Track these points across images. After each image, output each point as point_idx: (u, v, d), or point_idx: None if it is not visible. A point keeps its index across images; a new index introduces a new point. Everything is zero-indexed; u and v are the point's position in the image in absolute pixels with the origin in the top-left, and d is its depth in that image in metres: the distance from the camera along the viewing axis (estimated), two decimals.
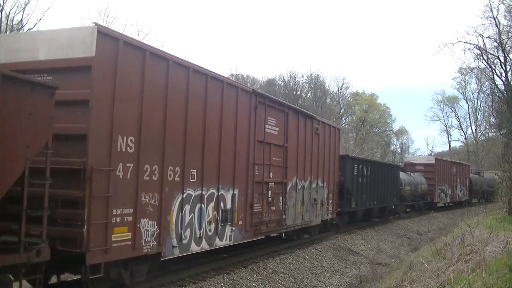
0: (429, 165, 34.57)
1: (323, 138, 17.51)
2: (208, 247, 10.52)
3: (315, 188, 16.70)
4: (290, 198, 14.63)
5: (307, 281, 12.88)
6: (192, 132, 9.75)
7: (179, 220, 9.41)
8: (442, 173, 35.81)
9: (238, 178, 11.59)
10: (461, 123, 74.56)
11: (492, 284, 7.87)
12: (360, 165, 22.38)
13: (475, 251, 10.43)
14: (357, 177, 21.67)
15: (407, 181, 29.65)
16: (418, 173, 32.97)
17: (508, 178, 22.90)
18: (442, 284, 8.30)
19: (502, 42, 24.84)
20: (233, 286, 10.63)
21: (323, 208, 17.63)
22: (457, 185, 39.06)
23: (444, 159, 43.52)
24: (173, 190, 9.21)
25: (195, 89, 9.78)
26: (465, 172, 41.89)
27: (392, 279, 12.05)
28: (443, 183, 35.77)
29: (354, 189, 21.20)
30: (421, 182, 31.99)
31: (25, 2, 29.72)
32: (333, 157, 18.73)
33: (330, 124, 19.08)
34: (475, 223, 15.78)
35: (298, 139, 15.25)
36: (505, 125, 24.92)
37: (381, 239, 21.37)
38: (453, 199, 38.52)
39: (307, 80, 68.96)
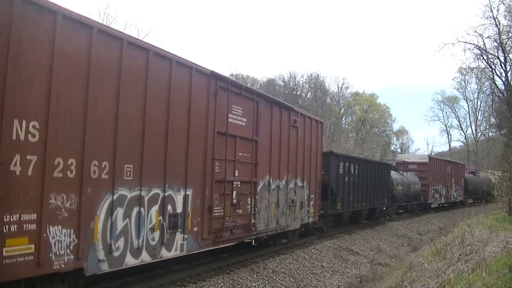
0: (423, 164, 33.13)
1: (303, 132, 15.56)
2: (151, 259, 8.62)
3: (293, 188, 14.80)
4: (262, 199, 12.79)
5: (307, 281, 12.88)
6: (126, 117, 7.85)
7: (108, 228, 7.50)
8: (436, 172, 34.43)
9: (192, 176, 9.65)
10: (461, 123, 74.72)
11: (492, 284, 7.86)
12: (346, 163, 20.61)
13: (475, 251, 10.43)
14: (343, 176, 20.02)
15: (399, 181, 28.25)
16: (411, 173, 31.48)
17: (508, 178, 22.91)
18: (442, 284, 8.30)
19: (502, 42, 24.87)
20: (233, 286, 10.62)
21: (303, 211, 15.79)
22: (452, 185, 37.72)
23: (438, 157, 42.13)
24: (99, 191, 7.33)
25: (132, 65, 7.97)
26: (460, 171, 40.64)
27: (392, 279, 12.05)
28: (437, 183, 34.45)
29: (339, 189, 19.56)
30: (414, 182, 30.49)
31: None
32: (315, 154, 16.71)
33: (311, 116, 16.89)
34: (475, 223, 15.78)
35: (272, 133, 13.34)
36: (505, 125, 24.93)
37: (381, 239, 21.38)
38: (448, 199, 37.32)
39: (307, 80, 69.04)
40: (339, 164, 19.84)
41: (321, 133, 17.51)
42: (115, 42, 7.66)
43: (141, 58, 8.28)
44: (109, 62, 7.56)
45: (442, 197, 35.56)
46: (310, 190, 16.31)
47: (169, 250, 9.09)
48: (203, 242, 10.24)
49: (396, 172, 28.91)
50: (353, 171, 21.16)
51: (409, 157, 36.38)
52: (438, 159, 38.34)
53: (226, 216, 10.98)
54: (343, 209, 20.14)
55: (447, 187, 36.59)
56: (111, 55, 7.60)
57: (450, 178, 37.41)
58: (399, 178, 28.36)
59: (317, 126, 17.09)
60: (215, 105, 10.51)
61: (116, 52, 7.69)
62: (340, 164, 19.92)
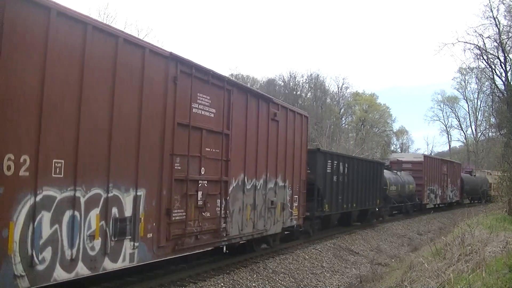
0: (417, 163, 31.77)
1: (285, 127, 14.15)
2: (90, 272, 7.17)
3: (272, 188, 13.33)
4: (235, 201, 11.31)
5: (307, 281, 12.89)
6: (54, 101, 6.48)
7: (29, 236, 6.17)
8: (432, 172, 33.12)
9: (145, 174, 8.24)
10: (461, 123, 74.76)
11: (492, 284, 7.86)
12: (335, 161, 19.14)
13: (475, 251, 10.43)
14: (331, 175, 18.61)
15: (393, 181, 26.88)
16: (405, 172, 30.17)
17: (508, 178, 22.92)
18: (442, 284, 8.30)
19: (502, 42, 24.88)
20: (233, 286, 10.63)
21: (285, 213, 14.34)
22: (447, 185, 36.36)
23: (433, 156, 40.95)
24: (15, 191, 6.00)
25: (64, 40, 6.65)
26: (456, 171, 39.30)
27: (392, 279, 12.05)
28: (432, 182, 33.17)
29: (327, 190, 18.13)
30: (408, 182, 29.18)
31: None
32: (299, 151, 15.29)
33: (294, 110, 15.44)
34: (475, 223, 15.79)
35: (247, 126, 11.86)
36: (505, 125, 24.94)
37: (381, 239, 21.38)
38: (444, 200, 36.01)
39: (307, 80, 69.03)
40: (327, 162, 18.44)
41: (305, 128, 16.00)
42: (41, 11, 6.31)
43: (77, 32, 6.87)
44: (31, 32, 6.20)
45: (437, 198, 34.37)
46: (294, 191, 14.85)
47: (115, 261, 7.67)
48: (160, 251, 8.72)
49: (389, 171, 27.64)
50: (342, 170, 19.76)
51: (403, 156, 34.75)
52: (433, 158, 37.14)
53: (190, 220, 9.55)
54: (331, 210, 18.78)
55: (443, 187, 35.28)
56: (35, 25, 6.24)
57: (446, 178, 36.16)
58: (392, 178, 27.05)
59: (301, 121, 15.54)
60: (175, 92, 9.08)
61: (42, 23, 6.31)
62: (328, 162, 18.54)
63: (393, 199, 27.14)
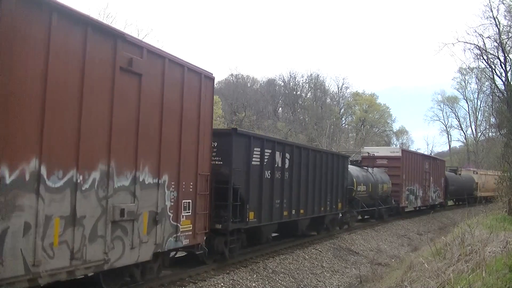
0: (394, 159, 26.96)
1: (158, 86, 9.00)
2: None
3: (126, 187, 8.13)
4: (15, 212, 6.07)
5: (307, 281, 12.89)
6: None
7: None
8: (412, 169, 28.69)
9: None
10: (461, 123, 74.76)
11: (492, 284, 7.86)
12: (267, 149, 13.39)
13: (475, 251, 10.43)
14: (260, 170, 13.06)
15: (362, 179, 22.33)
16: (379, 169, 25.50)
17: (508, 178, 22.92)
18: (442, 284, 8.30)
19: (502, 42, 24.86)
20: (233, 286, 10.63)
21: (162, 228, 9.16)
22: (430, 184, 31.98)
23: (413, 151, 36.48)
24: None
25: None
26: (440, 169, 34.78)
27: (392, 279, 12.04)
28: (412, 182, 28.67)
29: (252, 191, 12.69)
30: (382, 181, 24.62)
31: None
32: (195, 129, 10.22)
33: (185, 64, 9.87)
34: (475, 223, 15.78)
35: (57, 76, 6.68)
36: (505, 125, 24.93)
37: (381, 239, 21.37)
38: (426, 202, 31.53)
39: (307, 80, 69.11)
40: (252, 150, 12.69)
41: (209, 96, 10.85)
42: None
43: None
44: None
45: (418, 199, 29.89)
46: (180, 191, 9.69)
47: None
48: None
49: (358, 168, 23.21)
50: (280, 163, 14.12)
51: (377, 150, 29.17)
52: (413, 153, 32.65)
53: None
54: (261, 220, 13.20)
55: (424, 187, 30.88)
56: None
57: (428, 177, 31.70)
58: (361, 176, 22.45)
59: (200, 83, 10.41)
60: None
61: None
62: (255, 151, 12.83)
63: (362, 202, 22.26)
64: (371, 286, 12.57)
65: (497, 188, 27.29)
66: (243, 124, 54.09)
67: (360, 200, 21.94)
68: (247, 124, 55.35)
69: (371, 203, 23.86)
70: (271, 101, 67.93)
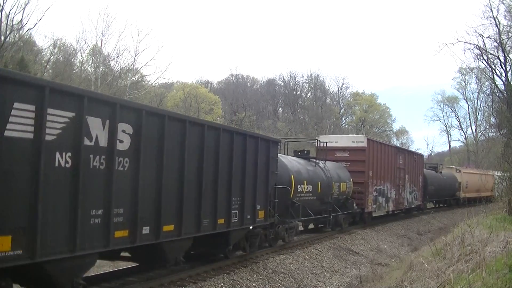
0: (357, 151, 21.17)
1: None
2: None
3: None
4: None
5: (307, 281, 12.89)
6: None
7: None
8: (381, 164, 23.03)
9: None
10: (461, 123, 74.78)
11: (492, 284, 7.86)
12: (62, 110, 6.53)
13: (475, 251, 10.43)
14: (33, 150, 6.16)
15: (305, 176, 16.12)
16: (335, 164, 19.90)
17: (508, 178, 22.92)
18: (442, 284, 8.30)
19: (502, 42, 24.86)
20: (233, 286, 10.63)
21: None
22: (405, 184, 26.66)
23: (383, 141, 30.17)
24: None
25: None
26: (417, 165, 29.57)
27: (392, 279, 12.04)
28: (382, 180, 23.02)
29: None
30: (339, 178, 18.98)
31: (25, 2, 29.71)
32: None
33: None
34: (475, 223, 15.78)
35: None
36: (505, 125, 24.93)
37: (381, 239, 21.36)
38: (400, 205, 26.04)
39: (307, 80, 69.17)
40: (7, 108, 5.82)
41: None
42: None
43: None
44: None
45: (390, 202, 24.45)
46: None
47: None
48: None
49: (302, 160, 17.31)
50: (106, 141, 7.46)
51: (337, 139, 22.79)
52: (383, 143, 25.66)
53: None
54: (35, 254, 6.14)
55: (398, 187, 25.42)
56: None
57: (403, 174, 26.29)
58: (305, 172, 16.35)
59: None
60: None
61: None
62: (14, 109, 5.88)
63: (306, 207, 16.16)
64: (371, 286, 12.57)
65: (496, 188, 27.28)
66: (243, 124, 54.10)
67: (300, 206, 15.45)
68: (247, 124, 55.36)
69: (320, 209, 17.91)
70: (271, 101, 67.97)
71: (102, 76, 37.49)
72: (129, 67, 40.30)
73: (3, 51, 27.26)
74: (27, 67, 25.25)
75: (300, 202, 15.65)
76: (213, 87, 67.55)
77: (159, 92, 46.48)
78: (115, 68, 40.17)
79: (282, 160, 14.92)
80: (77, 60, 40.42)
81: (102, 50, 38.57)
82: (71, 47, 39.71)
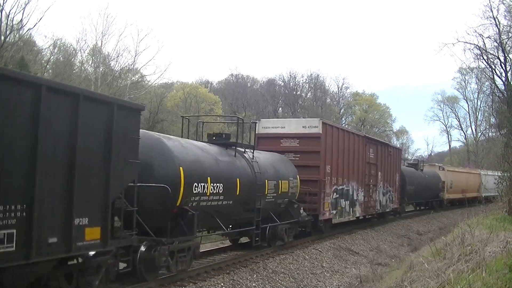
0: (309, 139, 16.34)
1: None
2: None
3: None
4: None
5: (307, 281, 12.88)
6: None
7: None
8: (343, 157, 18.22)
9: None
10: (461, 123, 74.73)
11: (492, 284, 7.86)
12: None
13: (475, 251, 10.42)
14: None
15: (210, 171, 11.02)
16: (275, 155, 15.00)
17: (508, 178, 22.90)
18: (442, 284, 8.30)
19: (502, 42, 24.84)
20: (233, 286, 10.63)
21: None
22: (377, 183, 22.27)
23: (345, 128, 23.07)
24: None
25: None
26: (394, 161, 24.90)
27: (392, 279, 12.04)
28: (345, 178, 18.40)
29: None
30: (276, 175, 14.01)
31: (25, 2, 29.70)
32: None
33: None
34: (475, 223, 15.78)
35: None
36: (505, 125, 24.91)
37: (381, 239, 21.36)
38: (370, 209, 21.65)
39: (307, 80, 69.05)
40: None
41: None
42: None
43: None
44: None
45: (357, 206, 19.92)
46: None
47: None
48: None
49: (213, 147, 12.14)
50: None
51: (283, 124, 17.44)
52: (346, 131, 19.81)
53: None
54: None
55: (368, 187, 21.04)
56: None
57: (375, 171, 21.91)
58: (209, 163, 11.17)
59: None
60: None
61: None
62: None
63: (215, 218, 11.37)
64: (371, 286, 12.57)
65: (496, 188, 27.23)
66: None
67: (196, 214, 10.11)
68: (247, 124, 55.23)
69: (248, 217, 12.97)
70: (271, 101, 67.92)
71: (102, 76, 37.47)
72: (129, 67, 40.28)
73: (3, 51, 27.26)
74: (27, 67, 25.24)
75: (199, 209, 10.30)
76: (213, 87, 67.54)
77: (159, 92, 46.40)
78: (115, 68, 40.17)
79: (163, 142, 10.03)
80: (77, 60, 40.41)
81: (102, 50, 38.58)
82: (71, 47, 39.69)
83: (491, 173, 37.59)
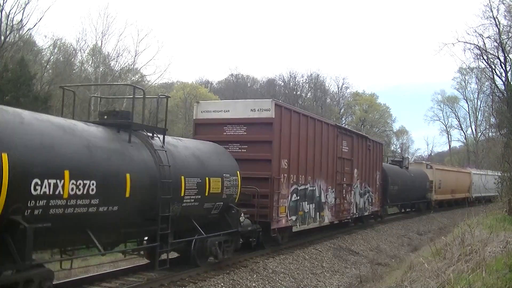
0: (259, 125, 13.12)
1: None
2: None
3: None
4: None
5: (307, 281, 12.88)
6: None
7: None
8: (307, 149, 14.88)
9: None
10: (461, 123, 74.80)
11: (492, 284, 7.86)
12: None
13: (475, 251, 10.42)
14: None
15: (83, 162, 7.29)
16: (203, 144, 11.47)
17: (508, 178, 22.90)
18: (442, 284, 8.30)
19: (502, 42, 24.84)
20: (233, 286, 10.63)
21: None
22: (353, 182, 19.29)
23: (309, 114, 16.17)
24: None
25: None
26: (374, 157, 21.62)
27: (392, 279, 12.04)
28: (308, 175, 15.07)
29: None
30: (203, 171, 10.36)
31: (25, 2, 29.74)
32: None
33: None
34: (475, 223, 15.77)
35: None
36: (505, 125, 24.91)
37: (381, 239, 21.37)
38: (343, 213, 18.55)
39: (307, 80, 69.09)
40: None
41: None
42: None
43: None
44: None
45: (326, 210, 16.68)
46: None
47: None
48: None
49: (95, 129, 8.22)
50: None
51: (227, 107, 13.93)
52: (309, 117, 15.57)
53: None
54: None
55: (340, 186, 17.92)
56: None
57: (349, 168, 18.80)
58: (81, 154, 7.35)
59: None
60: None
61: None
62: None
63: (90, 234, 7.49)
64: (371, 286, 12.57)
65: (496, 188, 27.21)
66: None
67: (27, 228, 6.22)
68: None
69: (153, 230, 9.06)
70: None
71: (102, 76, 37.50)
72: (129, 67, 40.33)
73: (3, 51, 27.28)
74: (27, 67, 25.26)
75: (48, 219, 6.68)
76: (213, 87, 67.59)
77: (159, 92, 46.40)
78: (115, 68, 40.19)
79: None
80: (77, 60, 40.45)
81: (102, 50, 38.61)
82: (71, 47, 39.73)
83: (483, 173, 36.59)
